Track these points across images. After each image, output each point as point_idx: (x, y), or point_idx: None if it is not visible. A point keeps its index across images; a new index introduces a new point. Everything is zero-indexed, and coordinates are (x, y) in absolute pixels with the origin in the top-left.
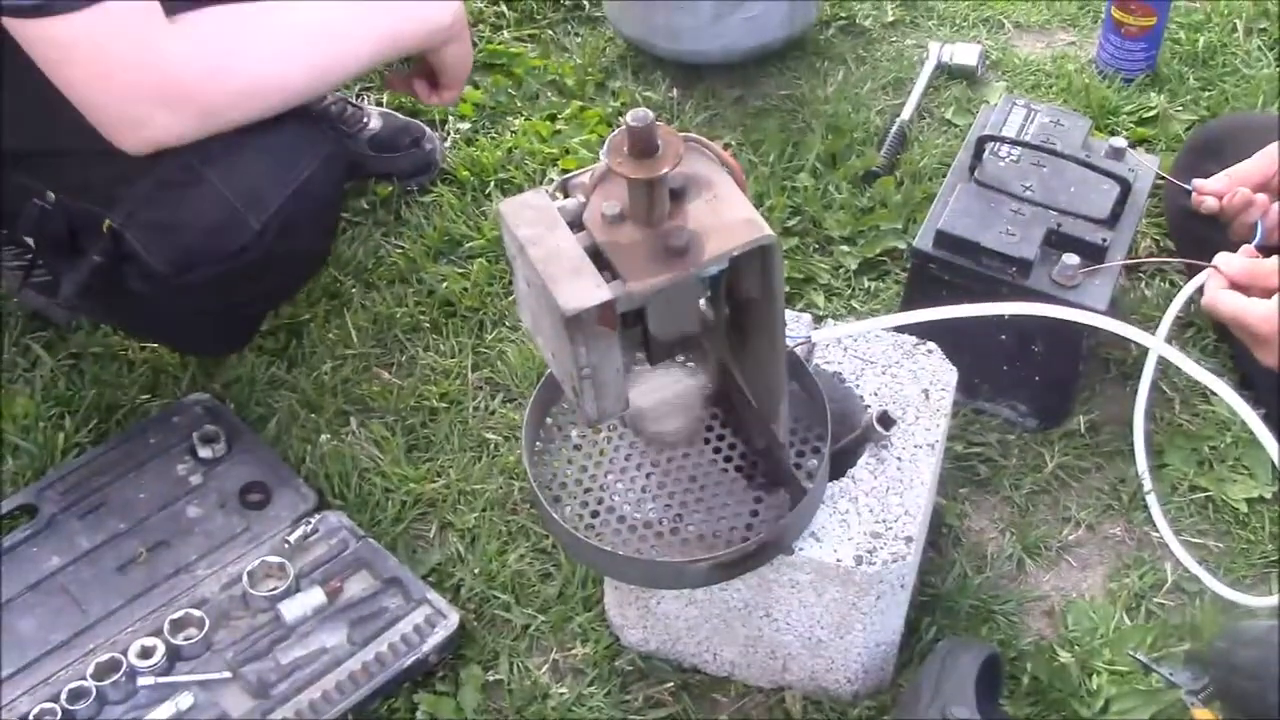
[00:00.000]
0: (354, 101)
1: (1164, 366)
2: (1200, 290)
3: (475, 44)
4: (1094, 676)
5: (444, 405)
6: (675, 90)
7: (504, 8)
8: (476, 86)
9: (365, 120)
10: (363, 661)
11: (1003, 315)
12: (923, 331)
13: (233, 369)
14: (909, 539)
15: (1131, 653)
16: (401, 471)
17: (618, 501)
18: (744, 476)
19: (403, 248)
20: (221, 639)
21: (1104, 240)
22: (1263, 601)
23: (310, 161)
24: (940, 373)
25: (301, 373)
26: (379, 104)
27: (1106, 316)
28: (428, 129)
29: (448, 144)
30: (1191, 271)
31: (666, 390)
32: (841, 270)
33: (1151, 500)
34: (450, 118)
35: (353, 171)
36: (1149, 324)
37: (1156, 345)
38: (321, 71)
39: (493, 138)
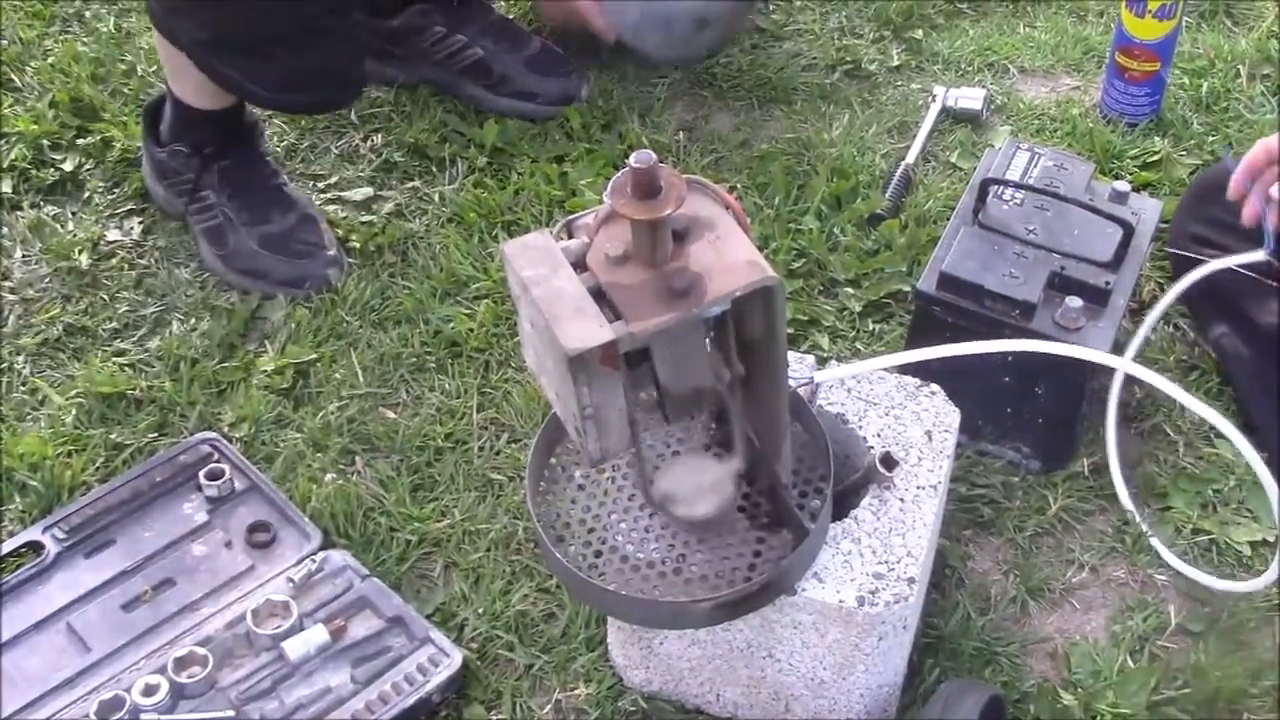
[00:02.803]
0: (518, 22)
1: (1169, 409)
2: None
3: None
4: (1097, 719)
5: (449, 445)
6: (681, 133)
7: None
8: (480, 126)
9: (527, 40)
10: (366, 701)
11: (1006, 357)
12: (926, 373)
13: (239, 408)
14: (911, 580)
15: None
16: (406, 511)
17: (621, 541)
18: (747, 517)
19: (409, 288)
20: (225, 677)
21: (1107, 283)
22: (1247, 586)
23: None
24: (943, 414)
25: (307, 412)
26: (541, 33)
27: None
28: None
29: (455, 185)
30: (1196, 316)
31: (696, 473)
32: (846, 313)
33: (1120, 490)
34: (460, 160)
35: (502, 86)
36: (1152, 367)
37: (1123, 365)
38: None
39: (500, 180)
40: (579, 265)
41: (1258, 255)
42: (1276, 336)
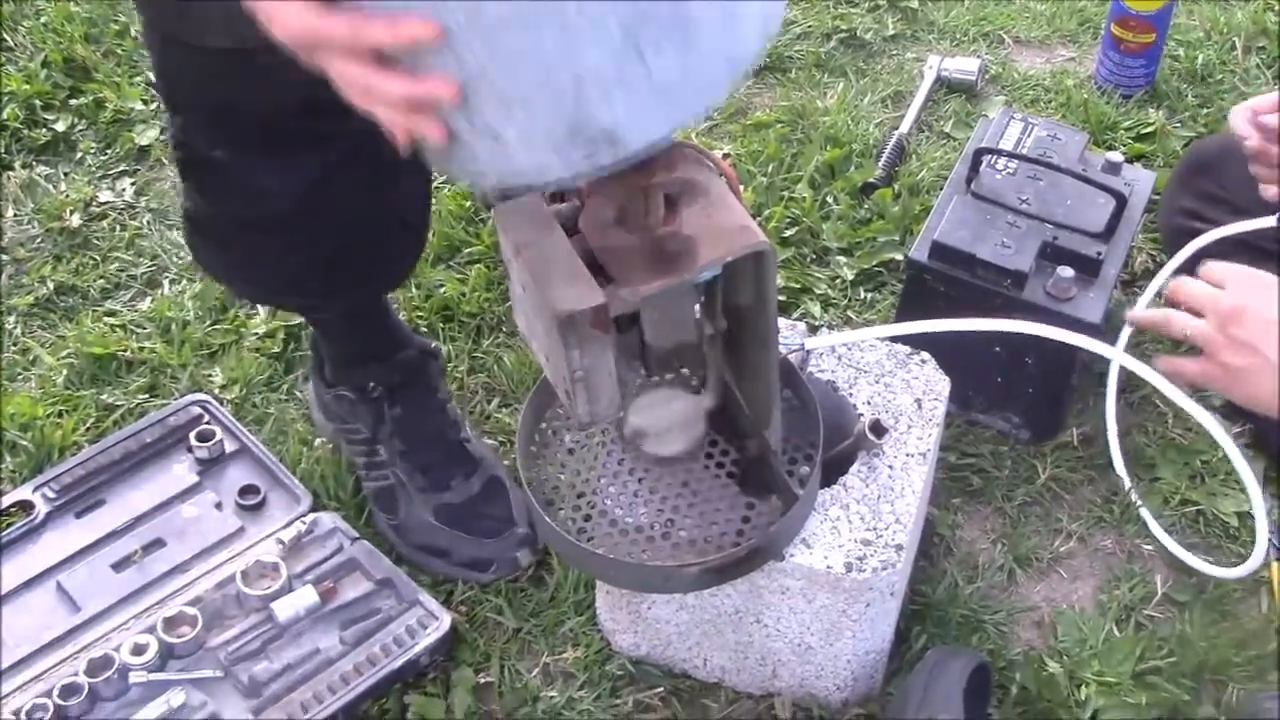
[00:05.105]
0: None
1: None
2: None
3: None
4: (1083, 687)
5: None
6: None
7: None
8: None
9: None
10: (354, 662)
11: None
12: (916, 342)
13: (231, 370)
14: (899, 547)
15: None
16: None
17: (610, 506)
18: (736, 483)
19: None
20: (214, 638)
21: (1099, 253)
22: (1234, 573)
23: None
24: (933, 382)
25: (299, 375)
26: None
27: (1094, 333)
28: None
29: None
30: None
31: (667, 408)
32: (838, 281)
33: (1145, 514)
34: None
35: None
36: (1143, 339)
37: (1116, 356)
38: None
39: None
40: (571, 229)
41: (1269, 221)
42: None
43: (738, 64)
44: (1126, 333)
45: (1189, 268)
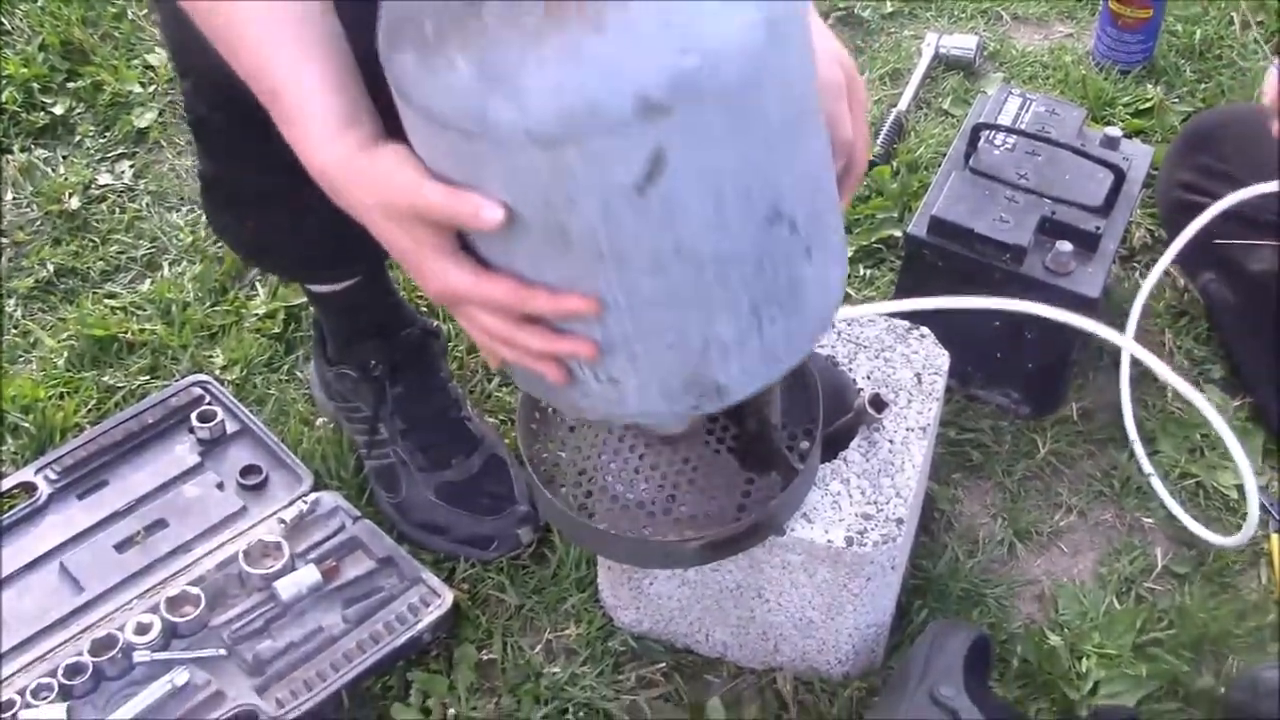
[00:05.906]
0: None
1: (1159, 355)
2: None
3: None
4: (1083, 660)
5: None
6: None
7: None
8: None
9: None
10: (357, 640)
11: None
12: (916, 317)
13: (231, 351)
14: (900, 521)
15: None
16: None
17: (611, 482)
18: (736, 458)
19: None
20: (217, 617)
21: (1097, 228)
22: (1230, 541)
23: None
24: (933, 357)
25: (300, 355)
26: None
27: (1092, 308)
28: None
29: None
30: (1184, 263)
31: None
32: None
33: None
34: None
35: None
36: (1145, 318)
37: (1127, 344)
38: None
39: None
40: None
41: (1270, 186)
42: (1263, 283)
43: (827, 320)
44: (1136, 311)
45: (1192, 246)
